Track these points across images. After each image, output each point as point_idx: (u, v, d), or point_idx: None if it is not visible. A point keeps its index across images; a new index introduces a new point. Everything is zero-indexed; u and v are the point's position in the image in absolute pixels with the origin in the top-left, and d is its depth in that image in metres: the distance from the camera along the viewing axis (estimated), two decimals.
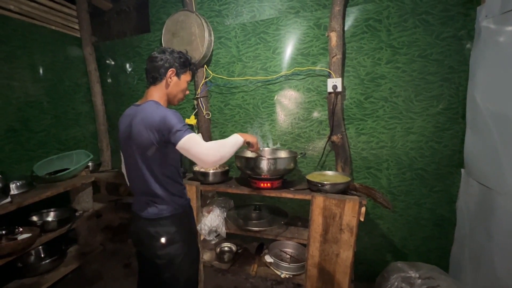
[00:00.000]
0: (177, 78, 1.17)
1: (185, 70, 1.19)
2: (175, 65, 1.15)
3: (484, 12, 1.31)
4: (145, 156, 1.08)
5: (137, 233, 1.18)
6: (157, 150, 1.06)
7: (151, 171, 1.10)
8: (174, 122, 1.01)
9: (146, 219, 1.13)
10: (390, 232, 1.76)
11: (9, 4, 1.81)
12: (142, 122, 1.04)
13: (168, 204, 1.14)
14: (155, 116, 1.03)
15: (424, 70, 1.53)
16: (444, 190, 1.60)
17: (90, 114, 2.47)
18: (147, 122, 1.03)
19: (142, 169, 1.10)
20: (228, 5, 1.89)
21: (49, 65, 2.10)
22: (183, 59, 1.17)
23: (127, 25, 2.33)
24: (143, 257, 1.23)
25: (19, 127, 1.90)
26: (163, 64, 1.13)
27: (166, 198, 1.13)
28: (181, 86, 1.19)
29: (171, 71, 1.14)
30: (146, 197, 1.14)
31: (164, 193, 1.13)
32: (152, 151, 1.06)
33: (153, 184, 1.11)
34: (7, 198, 1.52)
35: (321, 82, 1.73)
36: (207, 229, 1.65)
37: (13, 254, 1.49)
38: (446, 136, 1.55)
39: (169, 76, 1.14)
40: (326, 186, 1.43)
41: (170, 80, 1.15)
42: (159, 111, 1.04)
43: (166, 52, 1.15)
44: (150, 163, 1.09)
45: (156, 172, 1.10)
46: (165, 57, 1.13)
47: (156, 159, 1.09)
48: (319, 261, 1.48)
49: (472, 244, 1.41)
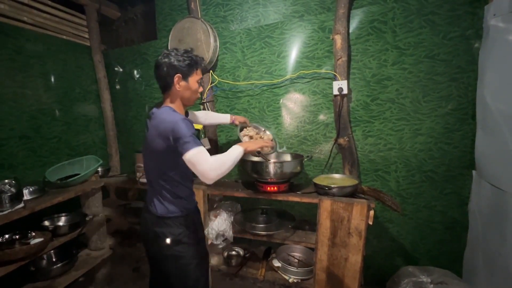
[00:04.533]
0: (186, 82, 1.14)
1: (192, 71, 1.15)
2: (180, 70, 1.12)
3: (492, 10, 1.29)
4: (157, 158, 1.13)
5: (145, 230, 1.22)
6: (168, 155, 1.09)
7: (161, 173, 1.14)
8: (184, 133, 1.01)
9: (153, 215, 1.17)
10: (400, 236, 1.73)
11: (23, 16, 1.88)
12: (155, 128, 1.08)
13: (174, 205, 1.16)
14: (167, 124, 1.05)
15: (431, 71, 1.51)
16: (455, 192, 1.56)
17: (100, 120, 2.53)
18: (158, 129, 1.07)
19: (154, 169, 1.16)
20: (233, 10, 1.91)
21: (60, 73, 2.16)
22: (188, 60, 1.13)
23: (135, 32, 2.38)
24: (150, 256, 1.27)
25: (32, 134, 1.96)
26: (168, 72, 1.11)
27: (174, 199, 1.16)
28: (192, 88, 1.17)
29: (177, 78, 1.12)
30: (156, 193, 1.18)
31: (172, 194, 1.16)
32: (163, 156, 1.10)
33: (163, 184, 1.15)
34: (21, 203, 1.56)
35: (327, 85, 1.73)
36: (214, 233, 1.65)
37: (26, 258, 1.53)
38: (456, 137, 1.52)
39: (177, 83, 1.13)
40: (334, 189, 1.42)
41: (179, 86, 1.13)
42: (170, 118, 1.06)
43: (170, 56, 1.12)
44: (160, 166, 1.14)
45: (166, 174, 1.14)
46: (169, 63, 1.11)
47: (166, 162, 1.12)
48: (327, 266, 1.46)
49: (485, 247, 1.37)
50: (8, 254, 1.45)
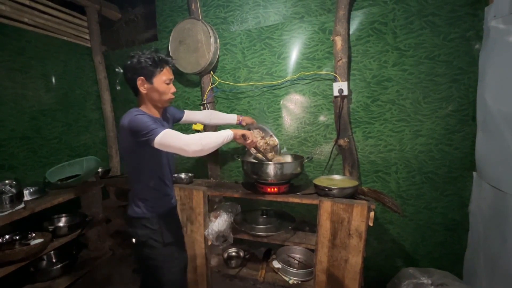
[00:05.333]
0: (150, 84, 1.12)
1: (155, 72, 1.11)
2: (142, 73, 1.10)
3: (492, 12, 1.29)
4: (127, 158, 1.17)
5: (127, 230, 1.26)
6: (132, 155, 1.12)
7: (132, 173, 1.18)
8: (142, 123, 1.02)
9: (128, 216, 1.21)
10: (401, 237, 1.72)
11: (24, 17, 1.89)
12: (120, 129, 1.10)
13: (140, 206, 1.17)
14: (123, 122, 1.07)
15: (432, 72, 1.51)
16: (456, 194, 1.56)
17: (100, 121, 2.53)
18: (122, 128, 1.08)
19: (128, 170, 1.20)
20: (233, 12, 1.92)
21: (61, 74, 2.17)
22: (149, 61, 1.10)
23: (136, 34, 2.39)
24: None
25: (33, 135, 1.96)
26: (131, 77, 1.11)
27: (140, 201, 1.18)
28: (160, 89, 1.13)
29: (141, 80, 1.11)
30: (131, 194, 1.21)
31: (139, 195, 1.18)
32: (130, 157, 1.14)
33: (134, 184, 1.18)
34: (21, 204, 1.57)
35: (327, 86, 1.73)
36: (214, 234, 1.65)
37: (26, 259, 1.53)
38: (457, 139, 1.52)
39: (141, 86, 1.12)
40: (334, 190, 1.41)
41: (143, 89, 1.12)
42: (126, 116, 1.07)
43: (133, 59, 1.11)
44: (129, 167, 1.17)
45: (135, 175, 1.17)
46: (132, 66, 1.10)
47: (132, 163, 1.15)
48: (327, 267, 1.46)
49: (486, 249, 1.37)
50: (8, 254, 1.45)
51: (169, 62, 1.17)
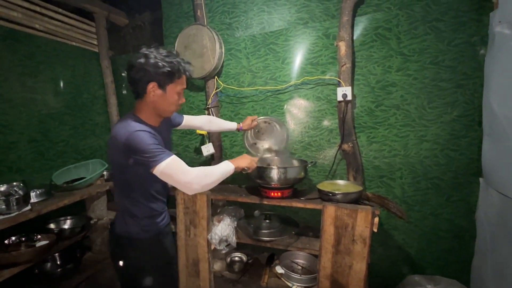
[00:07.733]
0: (162, 91, 0.98)
1: (171, 80, 0.98)
2: (156, 78, 0.95)
3: (497, 17, 1.28)
4: (116, 173, 1.05)
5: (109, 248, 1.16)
6: (123, 170, 0.99)
7: (121, 188, 1.06)
8: (143, 145, 0.88)
9: (115, 233, 1.09)
10: (406, 244, 1.70)
11: (34, 23, 1.94)
12: (111, 141, 0.96)
13: (131, 224, 1.06)
14: (119, 138, 0.91)
15: (436, 77, 1.51)
16: (462, 200, 1.54)
17: (106, 125, 2.57)
18: (113, 143, 0.95)
19: (117, 183, 1.09)
20: (238, 18, 1.94)
21: (69, 78, 2.21)
22: (168, 67, 0.95)
23: (142, 39, 2.43)
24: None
25: (40, 137, 2.00)
26: (141, 78, 0.95)
27: (131, 218, 1.06)
28: (170, 99, 1.00)
29: (152, 85, 0.96)
30: (119, 210, 1.11)
31: (133, 211, 1.05)
32: (120, 171, 1.00)
33: (123, 199, 1.07)
34: (28, 206, 1.59)
35: (331, 91, 1.73)
36: (217, 238, 1.65)
37: (32, 261, 1.54)
38: (462, 144, 1.51)
39: (151, 91, 0.97)
40: (338, 195, 1.41)
41: (153, 95, 0.98)
42: (124, 131, 0.91)
43: (148, 58, 0.94)
44: (119, 181, 1.06)
45: (125, 190, 1.05)
46: (144, 67, 0.94)
47: (124, 178, 1.01)
48: (331, 273, 1.44)
49: (494, 256, 1.34)
50: (14, 256, 1.47)
51: (190, 71, 1.04)
